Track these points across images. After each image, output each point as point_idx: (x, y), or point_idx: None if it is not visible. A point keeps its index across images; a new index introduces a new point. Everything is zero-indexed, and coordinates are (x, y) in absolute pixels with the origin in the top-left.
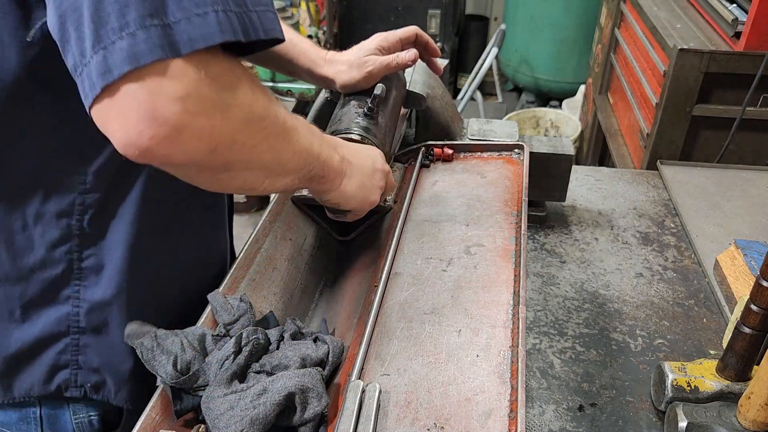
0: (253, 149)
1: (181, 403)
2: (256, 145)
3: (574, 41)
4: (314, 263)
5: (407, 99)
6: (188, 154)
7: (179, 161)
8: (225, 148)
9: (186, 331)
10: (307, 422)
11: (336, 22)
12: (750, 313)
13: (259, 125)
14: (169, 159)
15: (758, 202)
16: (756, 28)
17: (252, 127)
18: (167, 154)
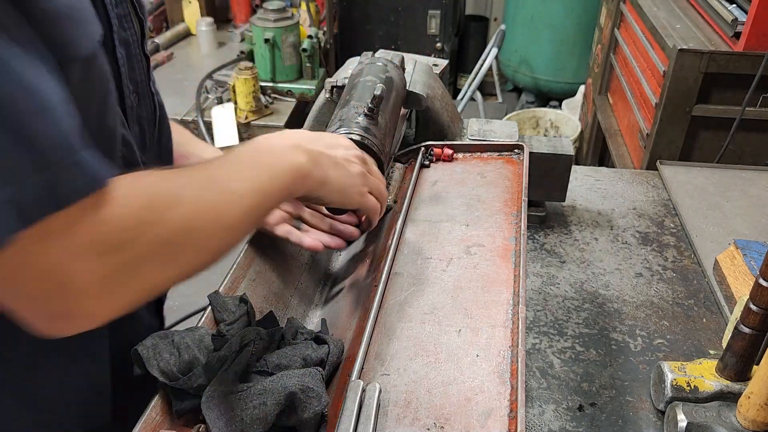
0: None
1: (181, 403)
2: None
3: (574, 41)
4: (314, 263)
5: (407, 99)
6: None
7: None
8: (149, 292)
9: (186, 331)
10: (307, 422)
11: (336, 22)
12: (749, 312)
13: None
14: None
15: (758, 202)
16: (755, 29)
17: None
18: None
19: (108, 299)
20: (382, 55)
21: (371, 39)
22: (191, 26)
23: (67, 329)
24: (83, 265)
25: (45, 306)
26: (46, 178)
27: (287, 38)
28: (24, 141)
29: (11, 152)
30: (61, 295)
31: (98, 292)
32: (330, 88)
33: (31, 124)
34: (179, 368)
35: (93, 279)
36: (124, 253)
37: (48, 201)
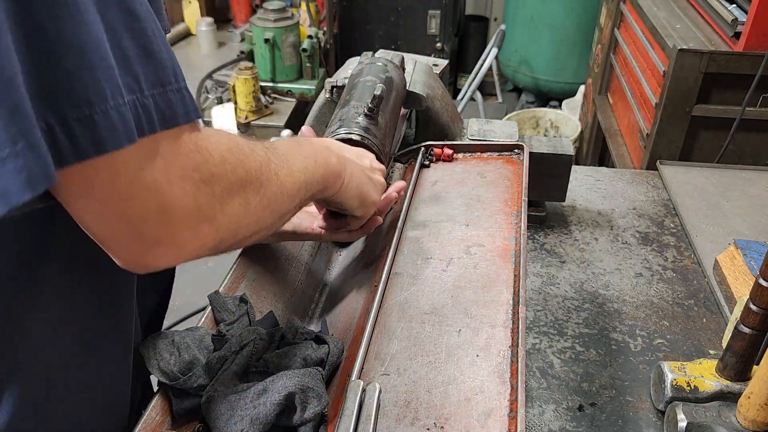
0: (257, 222)
1: (181, 403)
2: (260, 216)
3: (574, 41)
4: (314, 263)
5: (407, 99)
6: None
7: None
8: (230, 236)
9: (186, 331)
10: (307, 422)
11: (336, 22)
12: (749, 312)
13: (257, 198)
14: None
15: (758, 202)
16: (755, 29)
17: (251, 205)
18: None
19: (199, 231)
20: (382, 55)
21: (371, 39)
22: (191, 26)
23: (158, 258)
24: (183, 189)
25: (145, 228)
26: (163, 94)
27: (287, 38)
28: (149, 56)
29: (138, 63)
30: (160, 218)
31: (193, 220)
32: (330, 88)
33: (154, 43)
34: (179, 368)
35: (190, 205)
36: (215, 185)
37: (163, 116)
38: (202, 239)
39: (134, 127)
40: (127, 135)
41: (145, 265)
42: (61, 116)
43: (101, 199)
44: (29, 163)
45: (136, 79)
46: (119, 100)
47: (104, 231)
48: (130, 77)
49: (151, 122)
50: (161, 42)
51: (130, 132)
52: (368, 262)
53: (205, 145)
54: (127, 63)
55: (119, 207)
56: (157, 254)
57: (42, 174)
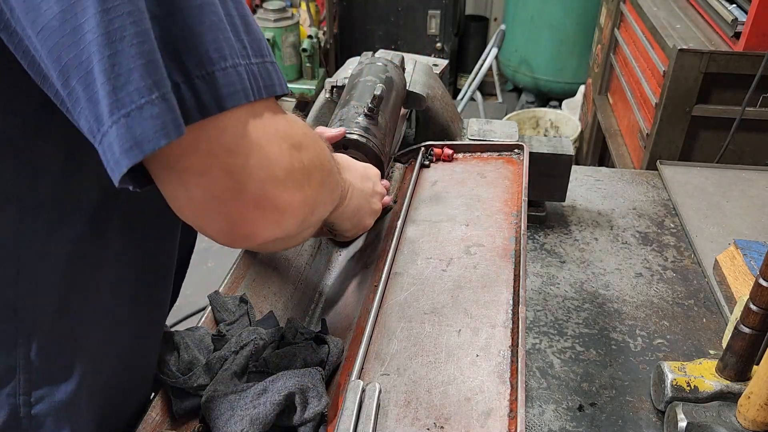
0: (324, 207)
1: (181, 403)
2: (325, 200)
3: (574, 41)
4: (314, 263)
5: (407, 99)
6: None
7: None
8: (310, 213)
9: (186, 331)
10: (307, 422)
11: (336, 22)
12: (749, 312)
13: (328, 180)
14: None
15: (758, 202)
16: (755, 29)
17: (324, 184)
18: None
19: (294, 195)
20: (382, 55)
21: (371, 39)
22: None
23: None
24: (281, 148)
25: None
26: (263, 64)
27: (287, 38)
28: (251, 28)
29: (244, 33)
30: (265, 176)
31: (289, 184)
32: (330, 88)
33: (251, 18)
34: (179, 368)
35: (286, 165)
36: (303, 152)
37: (265, 84)
38: (296, 206)
39: (249, 87)
40: (245, 93)
41: (246, 234)
42: (185, 74)
43: (208, 154)
44: (164, 112)
45: (244, 47)
46: (237, 60)
47: (208, 194)
48: (239, 44)
49: (258, 88)
50: (252, 17)
51: (246, 90)
52: (368, 262)
53: (289, 116)
54: (236, 30)
55: (226, 160)
56: (259, 218)
57: (174, 123)
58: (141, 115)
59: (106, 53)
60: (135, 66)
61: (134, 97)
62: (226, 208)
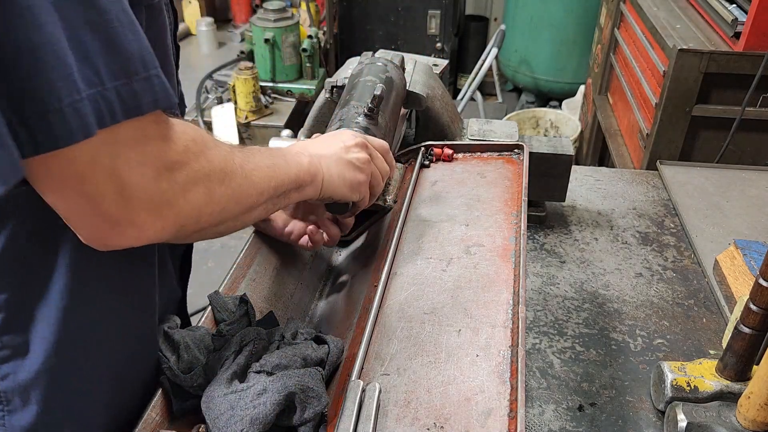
0: (221, 212)
1: (181, 403)
2: (225, 206)
3: (574, 41)
4: (314, 263)
5: (407, 99)
6: (150, 240)
7: (142, 243)
8: (191, 223)
9: (186, 331)
10: (307, 422)
11: (336, 22)
12: (749, 312)
13: (221, 188)
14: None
15: (758, 202)
16: (755, 29)
17: (215, 194)
18: (127, 246)
19: (158, 215)
20: (382, 55)
21: (371, 39)
22: (191, 26)
23: (117, 238)
24: (145, 173)
25: (103, 209)
26: (127, 85)
27: (287, 38)
28: (112, 48)
29: (100, 56)
30: (121, 200)
31: (152, 205)
32: (330, 88)
33: (120, 34)
34: (179, 368)
35: (150, 189)
36: (177, 172)
37: (126, 107)
38: (161, 223)
39: (92, 121)
40: (82, 129)
41: (105, 244)
42: (19, 113)
43: (60, 179)
44: None
45: (97, 73)
46: (75, 97)
47: (66, 208)
48: (90, 71)
49: (113, 113)
50: (128, 31)
51: (86, 126)
52: (368, 262)
53: (169, 134)
54: (87, 57)
55: (77, 187)
56: (116, 233)
57: (10, 169)
58: None
59: None
60: None
61: None
62: (85, 222)
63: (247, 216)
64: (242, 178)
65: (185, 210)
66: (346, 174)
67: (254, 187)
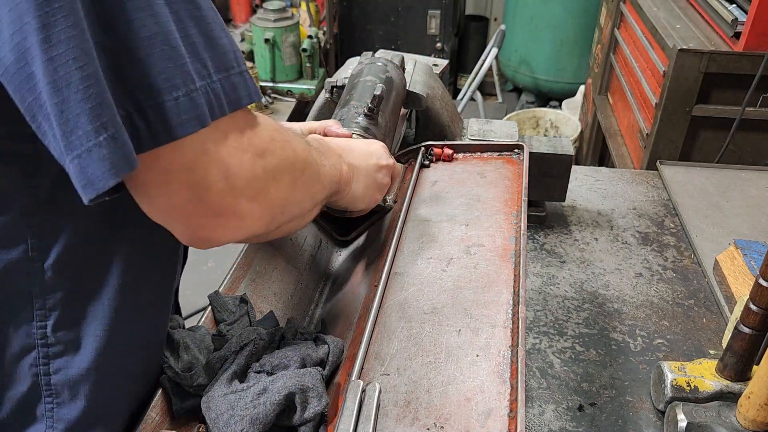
0: (300, 203)
1: (181, 403)
2: (302, 198)
3: (574, 41)
4: (314, 263)
5: (407, 99)
6: (243, 235)
7: (241, 236)
8: (279, 213)
9: (186, 331)
10: (307, 422)
11: (336, 22)
12: (749, 312)
13: (302, 178)
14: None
15: (758, 202)
16: (755, 29)
17: (297, 184)
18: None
19: (257, 201)
20: (382, 55)
21: (371, 39)
22: None
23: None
24: (241, 160)
25: (210, 199)
26: (228, 78)
27: (287, 38)
28: (213, 42)
29: (205, 50)
30: (226, 187)
31: (250, 192)
32: (330, 88)
33: (215, 30)
34: (179, 368)
35: (248, 176)
36: (267, 159)
37: (230, 99)
38: (259, 210)
39: (206, 112)
40: (199, 120)
41: (207, 238)
42: (136, 104)
43: (169, 172)
44: (112, 152)
45: (205, 66)
46: (191, 86)
47: (169, 204)
48: (199, 64)
49: (221, 105)
50: (221, 28)
51: (202, 116)
52: (368, 262)
53: (257, 123)
54: (195, 50)
55: (185, 178)
56: (220, 225)
57: (125, 159)
58: (90, 157)
59: (54, 100)
60: (82, 111)
61: (83, 140)
62: (187, 216)
63: (313, 212)
64: (316, 171)
65: (276, 198)
66: (369, 192)
67: (321, 182)
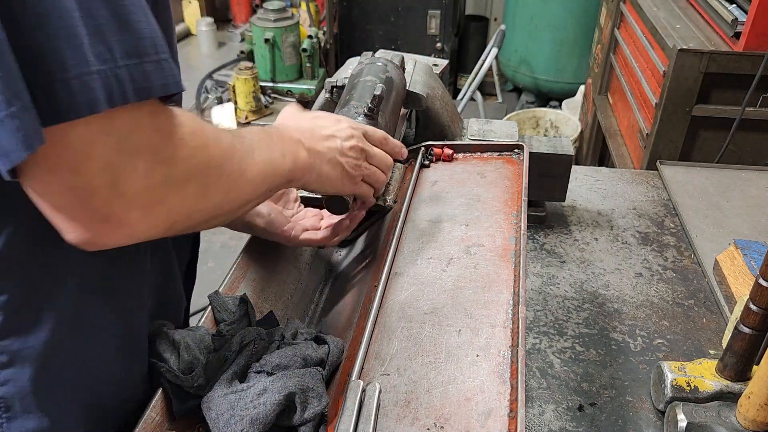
0: (214, 208)
1: (181, 403)
2: (218, 203)
3: (574, 41)
4: (314, 263)
5: (407, 99)
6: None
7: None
8: (182, 220)
9: (186, 331)
10: (307, 422)
11: (336, 22)
12: (749, 312)
13: (217, 183)
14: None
15: (758, 202)
16: (755, 29)
17: (209, 191)
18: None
19: (149, 212)
20: (382, 55)
21: (371, 39)
22: (191, 26)
23: (105, 236)
24: (138, 167)
25: (94, 204)
26: (139, 65)
27: (287, 38)
28: (125, 26)
29: (113, 33)
30: (111, 194)
31: (143, 201)
32: (330, 88)
33: (132, 13)
34: (179, 368)
35: (142, 185)
36: (172, 167)
37: (138, 87)
38: (152, 220)
39: (101, 97)
40: (89, 105)
41: (92, 243)
42: (29, 82)
43: (52, 168)
44: (25, 123)
45: (110, 49)
46: (84, 69)
47: (53, 203)
48: (102, 46)
49: (123, 93)
50: (141, 12)
51: (93, 102)
52: (368, 262)
53: (167, 125)
54: (99, 32)
55: (69, 178)
56: (105, 231)
57: (35, 132)
58: (3, 128)
59: None
60: None
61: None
62: (71, 219)
63: (239, 210)
64: (239, 174)
65: (177, 207)
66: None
67: (249, 184)
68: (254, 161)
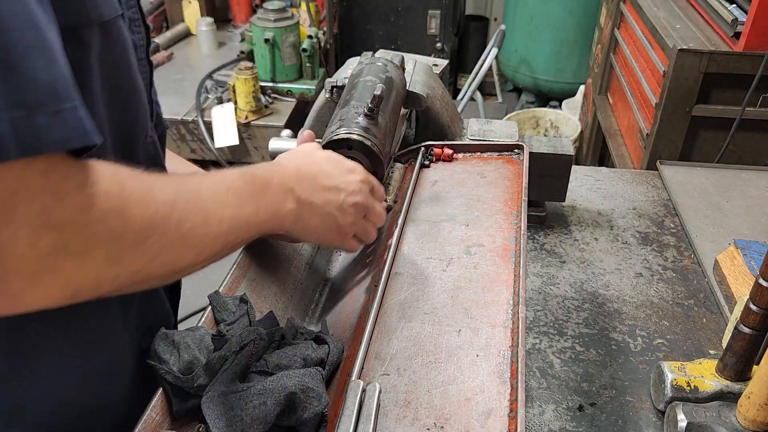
0: (136, 273)
1: (181, 403)
2: (138, 270)
3: (574, 41)
4: (314, 263)
5: (407, 99)
6: (31, 309)
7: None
8: (90, 289)
9: (186, 331)
10: (308, 422)
11: (336, 22)
12: (749, 312)
13: (137, 252)
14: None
15: (758, 202)
16: (755, 29)
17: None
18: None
19: (39, 284)
20: (382, 55)
21: (371, 39)
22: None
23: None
24: (24, 234)
25: None
26: (27, 118)
27: (287, 38)
28: (10, 73)
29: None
30: None
31: (31, 272)
32: (330, 88)
33: (24, 57)
34: (179, 368)
35: (29, 254)
36: (68, 233)
37: (22, 143)
38: (43, 291)
39: None
40: None
41: None
42: None
43: None
44: None
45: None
46: None
47: None
48: None
49: (2, 148)
50: (38, 55)
51: None
52: (368, 262)
53: (65, 186)
54: None
55: None
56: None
57: None
58: None
59: None
60: None
61: None
62: None
63: (179, 274)
64: (175, 238)
65: (77, 276)
66: (323, 231)
67: (190, 248)
68: (206, 221)
